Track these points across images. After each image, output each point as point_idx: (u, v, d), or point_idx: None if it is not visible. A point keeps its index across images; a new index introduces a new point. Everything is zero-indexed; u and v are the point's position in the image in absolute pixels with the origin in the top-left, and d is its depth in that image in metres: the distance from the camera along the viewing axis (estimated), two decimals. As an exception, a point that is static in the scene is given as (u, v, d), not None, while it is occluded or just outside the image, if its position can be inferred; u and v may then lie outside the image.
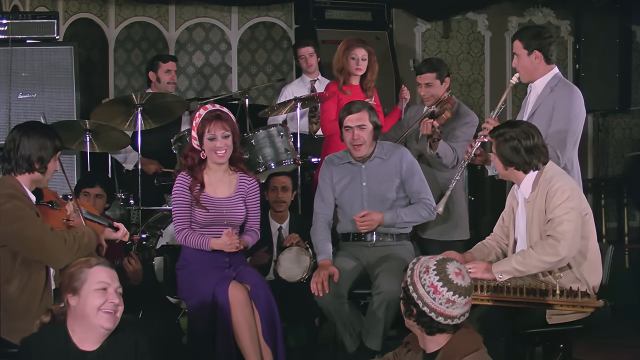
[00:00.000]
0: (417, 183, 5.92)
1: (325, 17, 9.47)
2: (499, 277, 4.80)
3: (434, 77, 6.59)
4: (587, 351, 5.92)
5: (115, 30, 9.31)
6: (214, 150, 5.52)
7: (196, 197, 5.51)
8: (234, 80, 9.72)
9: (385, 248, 5.87)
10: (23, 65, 7.19)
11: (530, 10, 10.27)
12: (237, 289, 5.35)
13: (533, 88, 5.85)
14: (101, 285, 3.96)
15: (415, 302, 3.72)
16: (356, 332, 5.63)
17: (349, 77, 7.19)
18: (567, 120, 5.61)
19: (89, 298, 3.94)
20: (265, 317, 5.40)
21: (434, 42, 10.01)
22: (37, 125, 5.02)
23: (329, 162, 6.10)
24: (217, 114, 5.57)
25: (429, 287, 3.69)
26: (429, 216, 5.93)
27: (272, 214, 6.77)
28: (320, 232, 5.91)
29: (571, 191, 4.82)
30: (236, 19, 9.72)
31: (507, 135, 4.91)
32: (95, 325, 3.96)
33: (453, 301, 3.69)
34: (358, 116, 5.83)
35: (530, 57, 5.77)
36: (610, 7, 9.81)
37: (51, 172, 4.81)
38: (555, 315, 4.79)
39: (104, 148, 7.13)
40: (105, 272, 4.00)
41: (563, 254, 4.72)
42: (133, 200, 7.11)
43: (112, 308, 3.96)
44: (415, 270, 3.77)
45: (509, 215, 5.20)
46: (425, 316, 3.71)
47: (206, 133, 5.51)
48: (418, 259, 3.83)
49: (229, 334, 5.30)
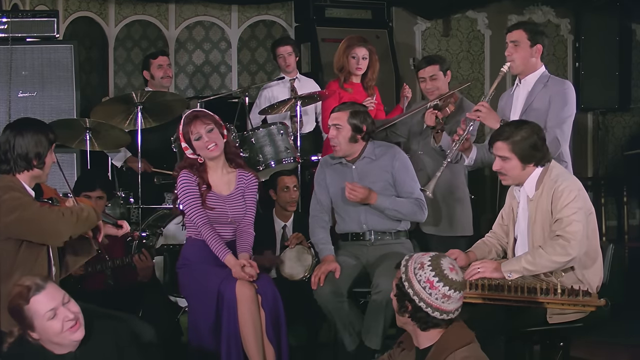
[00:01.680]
0: (409, 183, 5.89)
1: (325, 16, 9.46)
2: (508, 276, 4.80)
3: (438, 69, 6.59)
4: (586, 350, 5.92)
5: (115, 28, 9.30)
6: (205, 147, 5.54)
7: (203, 197, 5.52)
8: (234, 78, 9.72)
9: (384, 247, 5.87)
10: (23, 64, 7.19)
11: (530, 8, 10.27)
12: (245, 286, 5.34)
13: (523, 83, 5.86)
14: (49, 315, 3.95)
15: (410, 298, 3.75)
16: (356, 330, 5.63)
17: (349, 75, 7.20)
18: (565, 113, 5.72)
19: (47, 330, 3.95)
20: (271, 315, 5.41)
21: (433, 41, 10.01)
22: (28, 121, 4.96)
23: (323, 164, 6.10)
24: (194, 114, 5.64)
25: (425, 283, 3.73)
26: (421, 217, 5.92)
27: (277, 213, 6.76)
28: (318, 234, 5.92)
29: (578, 191, 4.83)
30: (236, 17, 9.72)
31: (522, 134, 4.88)
32: (66, 345, 3.99)
33: (449, 296, 3.74)
34: (336, 115, 5.83)
35: (532, 49, 5.78)
36: (610, 5, 9.81)
37: (49, 166, 4.78)
38: (556, 314, 4.80)
39: (104, 146, 7.14)
40: (44, 297, 3.98)
41: (573, 253, 4.73)
42: (133, 199, 7.10)
43: (72, 322, 3.96)
44: (409, 266, 3.79)
45: (508, 214, 5.20)
46: (421, 311, 3.75)
47: (191, 135, 5.55)
48: (410, 256, 3.86)
49: (234, 331, 5.30)
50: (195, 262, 5.55)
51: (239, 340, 5.32)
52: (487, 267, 4.87)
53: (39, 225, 4.52)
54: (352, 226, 5.94)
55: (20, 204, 4.51)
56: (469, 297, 4.68)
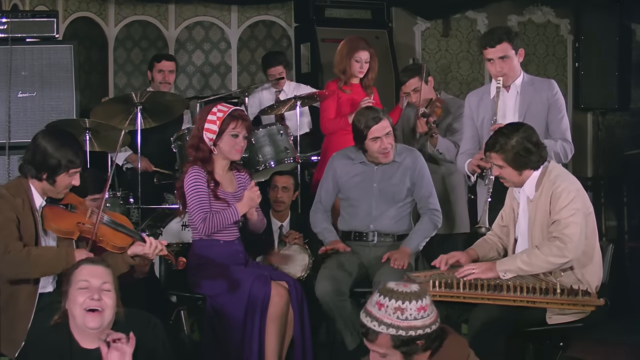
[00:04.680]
0: (426, 187, 6.01)
1: (324, 16, 9.46)
2: (503, 276, 4.80)
3: (418, 80, 6.63)
4: (584, 350, 5.92)
5: (114, 29, 9.30)
6: (234, 147, 5.62)
7: (214, 192, 5.57)
8: (233, 79, 9.71)
9: (386, 247, 5.92)
10: (23, 64, 7.17)
11: (529, 8, 10.27)
12: (280, 287, 5.46)
13: (512, 87, 5.81)
14: (82, 285, 3.97)
15: (410, 337, 3.51)
16: (356, 330, 5.64)
17: (350, 78, 7.20)
18: (564, 120, 5.79)
19: (74, 299, 3.97)
20: (298, 314, 5.51)
21: (433, 41, 10.01)
22: (60, 136, 4.88)
23: (340, 156, 6.15)
24: (243, 115, 5.72)
25: (395, 312, 3.50)
26: (439, 225, 6.07)
27: (273, 213, 6.79)
28: (322, 224, 6.06)
29: (576, 192, 4.85)
30: (236, 17, 9.72)
31: (511, 144, 4.90)
32: (82, 326, 3.96)
33: (424, 308, 3.54)
34: (383, 124, 5.86)
35: (517, 56, 5.78)
36: (610, 5, 9.79)
37: (63, 186, 4.73)
38: (555, 315, 4.80)
39: (103, 147, 7.12)
40: (87, 270, 4.01)
41: (570, 256, 4.75)
42: (133, 199, 7.09)
43: (94, 305, 3.94)
44: (393, 321, 3.51)
45: (508, 215, 5.21)
46: (428, 335, 3.53)
47: (230, 129, 5.59)
48: (368, 315, 3.56)
49: (261, 331, 5.38)
50: (212, 261, 5.58)
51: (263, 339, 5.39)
52: (481, 269, 4.88)
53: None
54: (358, 225, 6.00)
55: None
56: (468, 297, 4.69)
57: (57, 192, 4.75)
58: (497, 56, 5.69)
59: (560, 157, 5.62)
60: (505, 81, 5.76)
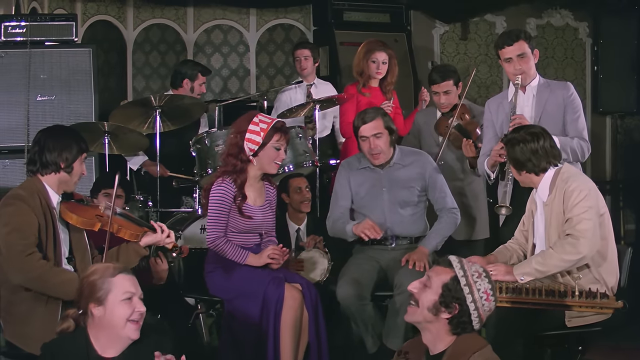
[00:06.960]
0: (439, 189, 5.99)
1: (343, 19, 9.46)
2: (521, 279, 4.79)
3: (452, 84, 6.63)
4: (603, 354, 5.90)
5: (133, 32, 9.34)
6: (275, 159, 5.54)
7: (239, 207, 5.49)
8: (252, 82, 9.73)
9: (404, 251, 5.89)
10: (42, 68, 7.21)
11: (548, 11, 10.25)
12: (294, 289, 5.43)
13: (528, 89, 5.81)
14: (127, 295, 3.89)
15: (463, 302, 3.70)
16: (377, 333, 5.69)
17: (368, 79, 7.19)
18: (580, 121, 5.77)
19: (116, 309, 3.87)
20: (313, 316, 5.48)
21: (452, 44, 10.00)
22: (61, 128, 5.07)
23: (346, 167, 6.11)
24: (285, 127, 5.59)
25: (483, 294, 3.71)
26: (457, 223, 6.03)
27: (291, 216, 6.76)
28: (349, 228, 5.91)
29: (588, 190, 4.84)
30: (254, 21, 9.74)
31: (518, 153, 4.96)
32: (121, 336, 3.91)
33: (491, 309, 3.76)
34: (373, 125, 5.82)
35: (533, 55, 5.79)
36: (629, 8, 9.76)
37: (77, 174, 4.81)
38: (574, 317, 4.79)
39: (122, 150, 7.16)
40: (129, 281, 3.93)
41: (584, 251, 4.73)
42: (151, 202, 7.11)
43: (139, 317, 3.90)
44: (467, 272, 3.74)
45: (528, 219, 5.20)
46: (467, 317, 3.71)
47: (274, 141, 5.50)
48: (460, 260, 3.80)
49: (276, 332, 5.36)
50: (228, 264, 5.55)
51: (279, 341, 5.38)
52: (499, 271, 4.88)
53: (8, 253, 4.53)
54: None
55: (9, 222, 4.55)
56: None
57: (72, 183, 4.82)
58: (516, 54, 5.70)
59: (577, 154, 5.60)
60: (524, 80, 5.75)
